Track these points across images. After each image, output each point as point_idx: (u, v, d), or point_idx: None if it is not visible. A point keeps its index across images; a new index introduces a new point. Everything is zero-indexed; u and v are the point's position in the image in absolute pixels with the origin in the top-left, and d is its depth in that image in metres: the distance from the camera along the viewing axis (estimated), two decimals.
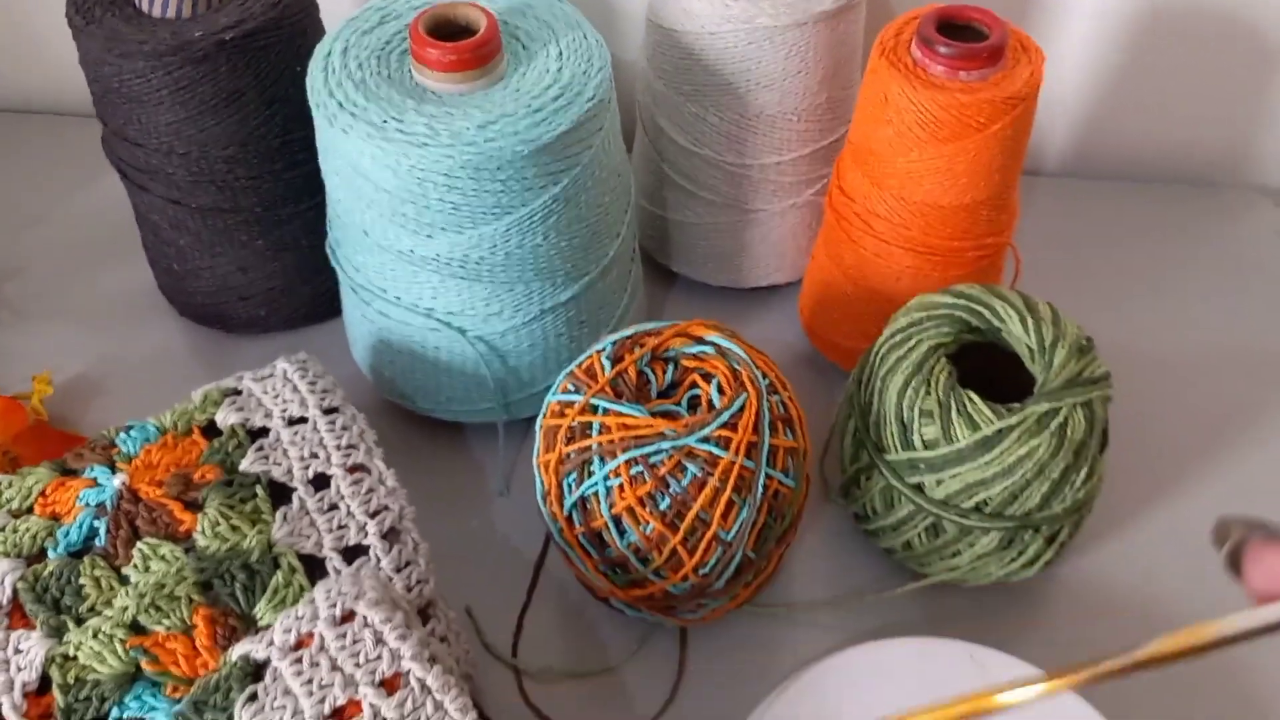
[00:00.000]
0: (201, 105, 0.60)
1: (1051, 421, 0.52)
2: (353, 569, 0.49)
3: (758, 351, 0.55)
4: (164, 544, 0.49)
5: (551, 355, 0.62)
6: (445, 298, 0.59)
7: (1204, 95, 0.81)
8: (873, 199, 0.61)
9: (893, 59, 0.57)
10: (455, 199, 0.54)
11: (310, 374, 0.56)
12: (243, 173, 0.63)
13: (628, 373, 0.54)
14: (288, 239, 0.66)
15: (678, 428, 0.51)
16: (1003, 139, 0.57)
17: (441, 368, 0.62)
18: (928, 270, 0.61)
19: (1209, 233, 0.80)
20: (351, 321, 0.65)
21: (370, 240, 0.58)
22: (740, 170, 0.67)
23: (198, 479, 0.51)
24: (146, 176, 0.63)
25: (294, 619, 0.44)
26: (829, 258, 0.65)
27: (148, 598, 0.47)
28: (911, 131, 0.57)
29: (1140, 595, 0.60)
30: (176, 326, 0.72)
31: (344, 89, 0.55)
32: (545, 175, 0.55)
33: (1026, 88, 0.56)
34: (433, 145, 0.53)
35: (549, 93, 0.55)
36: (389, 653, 0.43)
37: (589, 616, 0.59)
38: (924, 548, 0.56)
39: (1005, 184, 0.60)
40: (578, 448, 0.52)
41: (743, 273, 0.72)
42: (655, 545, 0.51)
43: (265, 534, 0.49)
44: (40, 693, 0.46)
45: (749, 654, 0.58)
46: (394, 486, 0.53)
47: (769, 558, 0.54)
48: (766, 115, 0.64)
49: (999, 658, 0.52)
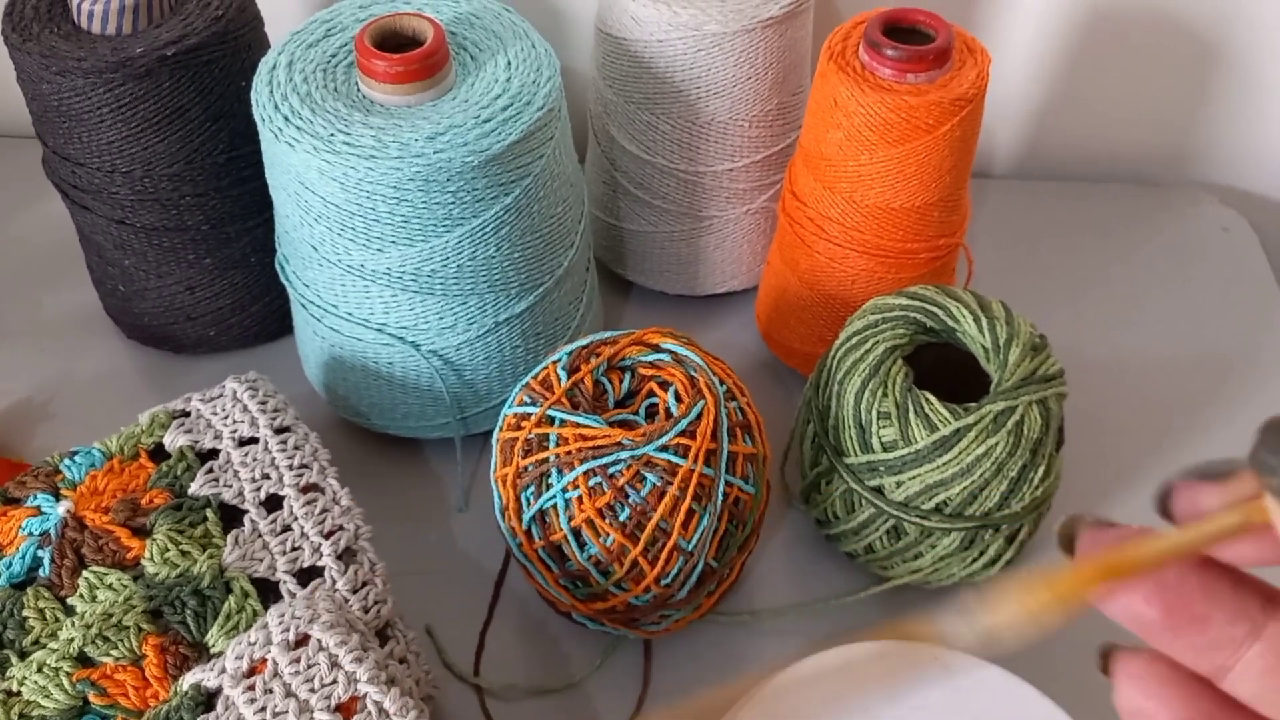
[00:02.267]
0: (144, 123, 0.59)
1: (1008, 420, 0.52)
2: (307, 592, 0.48)
3: (714, 358, 0.55)
4: (111, 572, 0.48)
5: (508, 368, 0.62)
6: (397, 312, 0.58)
7: (1148, 95, 0.82)
8: (825, 203, 0.61)
9: (841, 63, 0.57)
10: (405, 212, 0.54)
11: (260, 393, 0.55)
12: (188, 190, 0.61)
13: (584, 383, 0.53)
14: (236, 257, 0.65)
15: (635, 437, 0.50)
16: (952, 140, 0.57)
17: (396, 384, 0.61)
18: (882, 273, 0.62)
19: (1157, 230, 0.81)
20: (303, 339, 0.64)
21: (319, 255, 0.57)
22: (693, 177, 0.67)
23: (146, 504, 0.50)
24: (89, 196, 0.62)
25: (246, 645, 0.43)
26: (784, 263, 0.65)
27: (95, 628, 0.46)
28: (861, 134, 0.57)
29: None
30: (123, 348, 0.71)
31: (289, 103, 0.54)
32: (496, 186, 0.55)
33: (974, 89, 0.57)
34: (380, 158, 0.52)
35: (498, 103, 0.55)
36: (344, 676, 0.42)
37: (551, 631, 0.59)
38: (886, 550, 0.56)
39: (956, 185, 0.60)
40: (535, 460, 0.51)
41: (699, 280, 0.72)
42: (616, 557, 0.51)
43: (216, 558, 0.48)
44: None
45: (714, 663, 0.57)
46: (349, 506, 0.52)
47: (731, 566, 0.54)
48: (718, 122, 0.64)
49: (964, 658, 0.52)
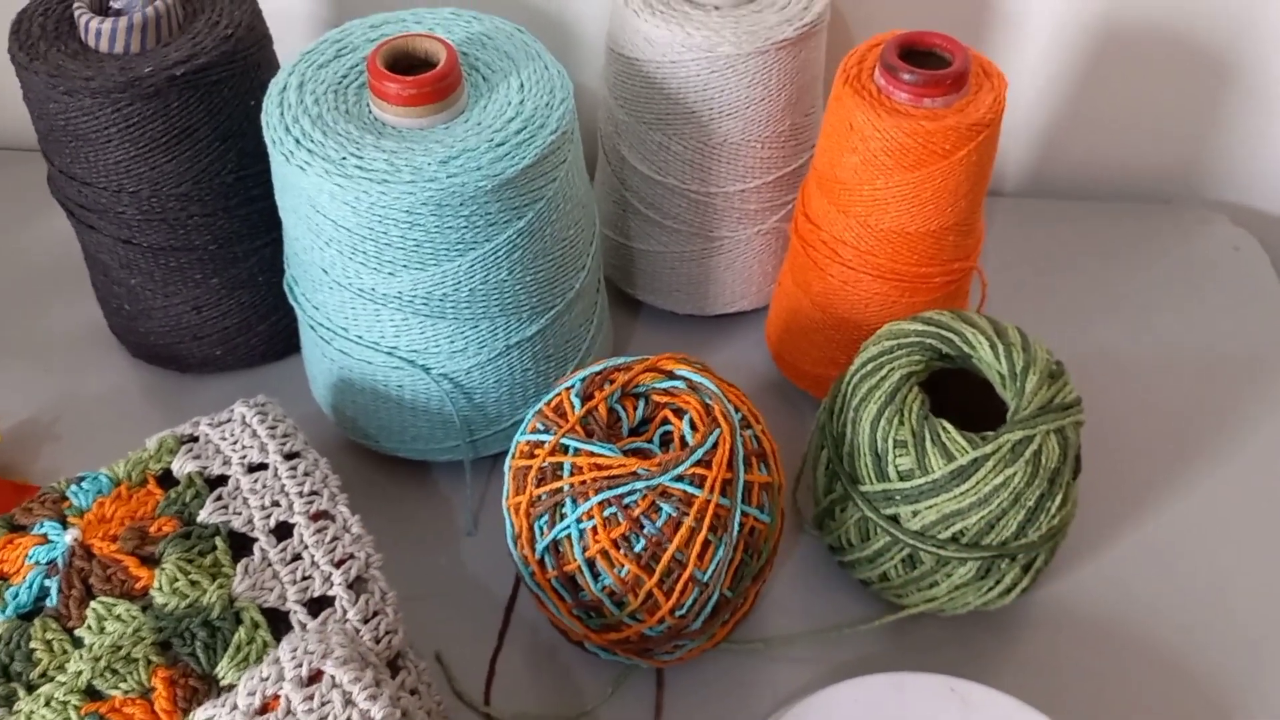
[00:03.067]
0: (152, 142, 0.58)
1: (1026, 449, 0.51)
2: (318, 623, 0.48)
3: (729, 385, 0.54)
4: (120, 603, 0.47)
5: (518, 391, 0.61)
6: (408, 336, 0.57)
7: (1159, 113, 0.81)
8: (839, 226, 0.60)
9: (856, 86, 0.57)
10: (417, 236, 0.53)
11: (270, 418, 0.55)
12: (196, 210, 0.61)
13: (598, 410, 0.53)
14: (243, 276, 0.65)
15: (651, 467, 0.50)
16: (968, 165, 0.57)
17: (405, 406, 0.60)
18: (895, 297, 0.61)
19: (1167, 249, 0.81)
20: (311, 360, 0.64)
21: (329, 278, 0.56)
22: (704, 198, 0.66)
23: (154, 532, 0.50)
24: (95, 215, 0.61)
25: (259, 680, 0.42)
26: (796, 285, 0.65)
27: (103, 661, 0.45)
28: (877, 159, 0.56)
29: (1116, 617, 0.60)
30: (129, 368, 0.70)
31: (300, 125, 0.54)
32: (509, 210, 0.54)
33: (990, 113, 0.56)
34: (393, 182, 0.51)
35: (511, 125, 0.54)
36: (359, 714, 0.41)
37: (562, 659, 0.58)
38: (901, 579, 0.56)
39: (971, 209, 0.59)
40: (549, 489, 0.51)
41: (709, 300, 0.71)
42: (630, 588, 0.50)
43: (226, 588, 0.48)
44: None
45: (727, 692, 0.57)
46: (359, 534, 0.52)
47: (745, 595, 0.54)
48: (730, 143, 0.64)
49: (979, 690, 0.52)
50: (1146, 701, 0.56)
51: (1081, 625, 0.59)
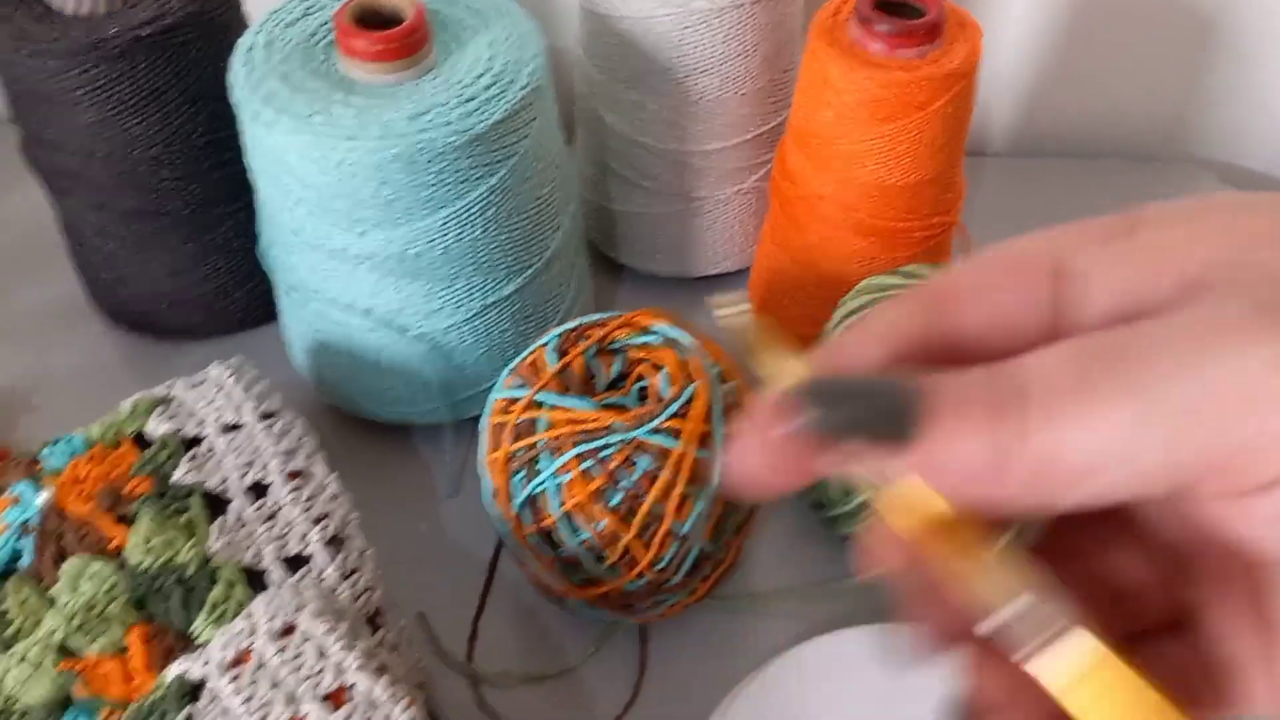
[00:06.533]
0: (121, 105, 0.57)
1: None
2: (294, 580, 0.47)
3: (707, 339, 0.54)
4: (94, 561, 0.47)
5: (497, 352, 0.61)
6: (384, 296, 0.57)
7: (1145, 69, 0.81)
8: (817, 182, 0.60)
9: (830, 39, 0.56)
10: (387, 193, 0.52)
11: (245, 379, 0.54)
12: (168, 174, 0.60)
13: (573, 366, 0.52)
14: (219, 241, 0.64)
15: (626, 420, 0.49)
16: (944, 116, 0.56)
17: (384, 369, 0.60)
18: (876, 252, 0.61)
19: None
20: (289, 324, 0.63)
21: (301, 240, 0.56)
22: (683, 158, 0.65)
23: (128, 492, 0.49)
24: (68, 181, 0.61)
25: (232, 635, 0.42)
26: (776, 244, 0.64)
27: (77, 619, 0.45)
28: (853, 112, 0.56)
29: None
30: (106, 335, 0.70)
31: (267, 83, 0.53)
32: (481, 166, 0.54)
33: (966, 64, 0.56)
34: (362, 138, 0.51)
35: (481, 81, 0.54)
36: (333, 665, 0.41)
37: (545, 618, 0.58)
38: None
39: (950, 162, 0.59)
40: (525, 444, 0.50)
41: (691, 262, 0.71)
42: (608, 542, 0.50)
43: (200, 546, 0.47)
44: None
45: (712, 648, 0.56)
46: (337, 491, 0.51)
47: (727, 549, 0.53)
48: (707, 100, 0.63)
49: None
50: None
51: None
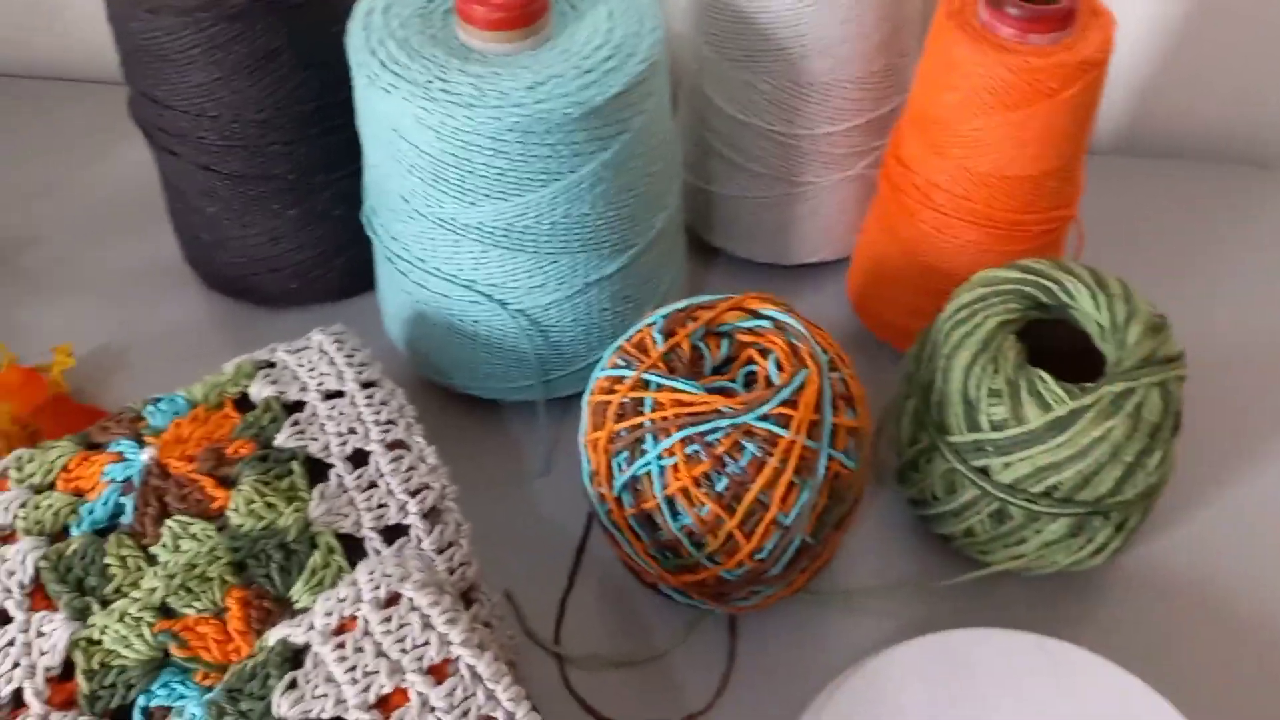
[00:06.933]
0: (234, 66, 0.57)
1: (1127, 402, 0.49)
2: (394, 550, 0.47)
3: (816, 326, 0.52)
4: (196, 522, 0.47)
5: (594, 331, 0.60)
6: (487, 268, 0.56)
7: (1263, 72, 0.78)
8: (933, 169, 0.58)
9: (959, 20, 0.54)
10: (501, 164, 0.52)
11: (347, 346, 0.54)
12: (276, 138, 0.60)
13: (680, 347, 0.51)
14: (321, 208, 0.64)
15: (735, 405, 0.48)
16: (1074, 106, 0.54)
17: (480, 343, 0.59)
18: (989, 244, 0.59)
19: (1266, 214, 0.77)
20: (387, 294, 0.63)
21: (409, 207, 0.55)
22: (790, 141, 0.64)
23: (231, 454, 0.49)
24: (175, 141, 0.61)
25: (336, 601, 0.42)
26: (883, 232, 0.63)
27: (177, 579, 0.45)
28: (979, 97, 0.54)
29: (1204, 583, 0.57)
30: (202, 299, 0.70)
31: (386, 47, 0.53)
32: (594, 140, 0.53)
33: (1099, 52, 0.54)
34: (479, 106, 0.50)
35: (600, 53, 0.52)
36: (437, 638, 0.41)
37: (633, 602, 0.57)
38: (987, 534, 0.54)
39: (1074, 154, 0.57)
40: (629, 425, 0.49)
41: (789, 249, 0.69)
42: (710, 528, 0.49)
43: (302, 512, 0.47)
44: (63, 678, 0.43)
45: (802, 642, 0.55)
46: (435, 464, 0.51)
47: (826, 543, 0.52)
48: (820, 83, 0.61)
49: (1071, 650, 0.50)
50: (1239, 671, 0.54)
51: (1171, 590, 0.57)
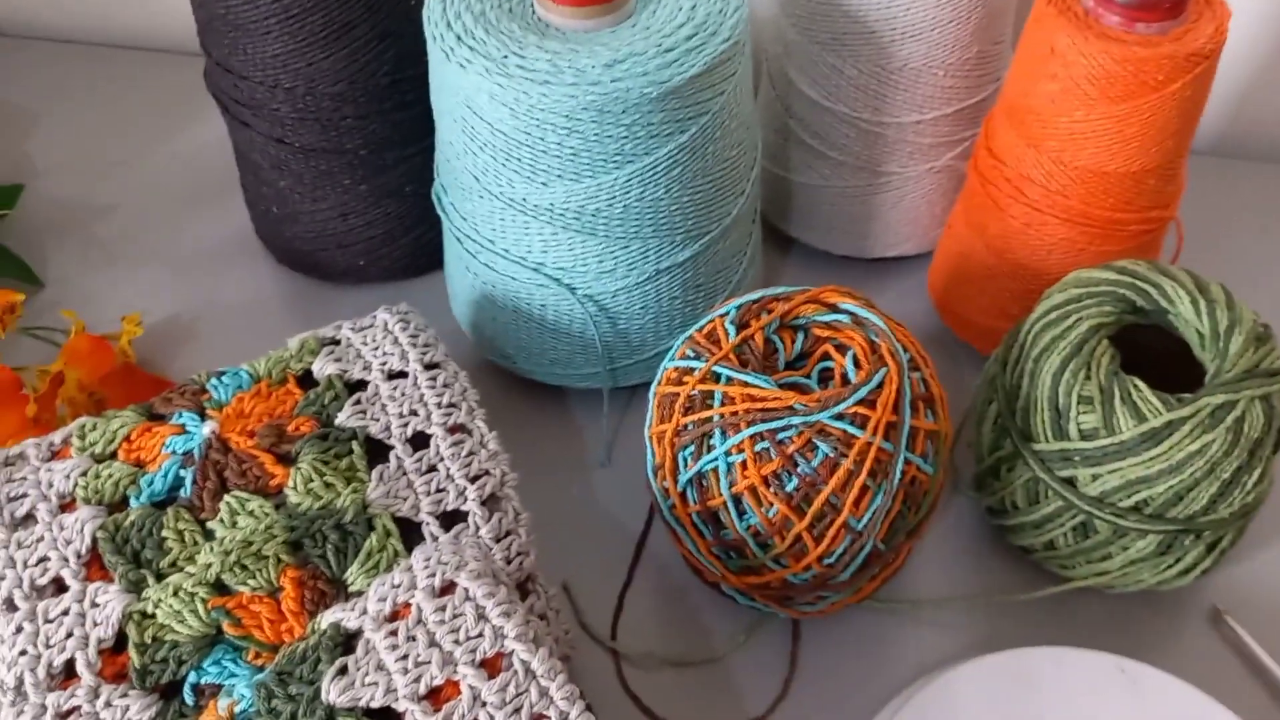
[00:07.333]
0: (311, 36, 0.56)
1: (1227, 415, 0.46)
2: (451, 536, 0.46)
3: (897, 323, 0.50)
4: (253, 498, 0.46)
5: (664, 320, 0.58)
6: (556, 252, 0.55)
7: None
8: (1027, 162, 0.55)
9: (1062, 6, 0.52)
10: (575, 144, 0.50)
11: (412, 326, 0.53)
12: (350, 111, 0.59)
13: (754, 340, 0.49)
14: (392, 185, 0.63)
15: (809, 402, 0.46)
16: (1181, 100, 0.51)
17: (547, 327, 0.58)
18: (1083, 244, 0.56)
19: None
20: (454, 274, 0.62)
21: (480, 186, 0.54)
22: (876, 129, 0.62)
23: (291, 431, 0.48)
24: (249, 112, 0.60)
25: (390, 587, 0.41)
26: (969, 227, 0.60)
27: (233, 555, 0.44)
28: (1080, 88, 0.51)
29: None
30: (271, 273, 0.70)
31: (462, 21, 0.51)
32: (672, 122, 0.51)
33: (1211, 44, 0.50)
34: (555, 84, 0.49)
35: (681, 31, 0.51)
36: (491, 630, 0.39)
37: (693, 601, 0.55)
38: (1069, 548, 0.51)
39: (1178, 151, 0.54)
40: (697, 419, 0.48)
41: (869, 242, 0.67)
42: (778, 530, 0.47)
43: (360, 493, 0.46)
44: (116, 650, 0.43)
45: (867, 652, 0.53)
46: (496, 450, 0.50)
47: (898, 550, 0.50)
48: (910, 68, 0.59)
49: (1153, 674, 0.47)
50: None
51: (1258, 615, 0.54)
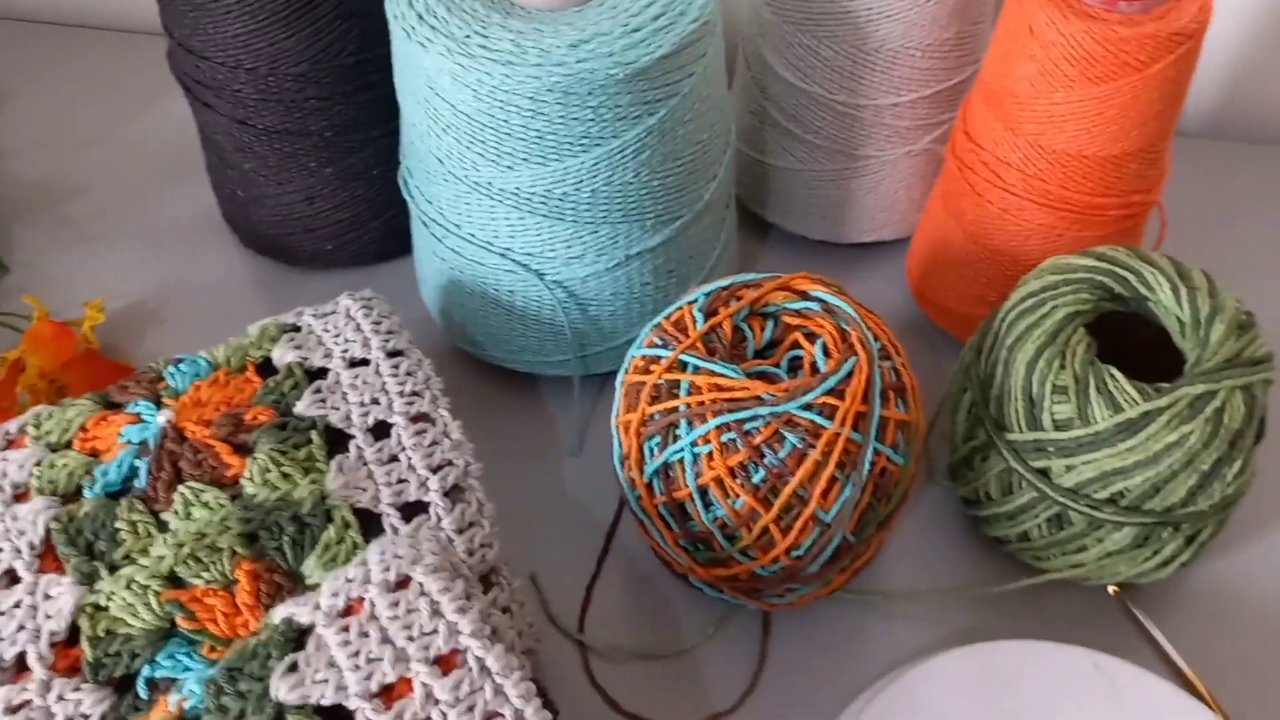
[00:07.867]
0: (272, 15, 0.55)
1: (1207, 406, 0.45)
2: (411, 529, 0.45)
3: (868, 311, 0.49)
4: (208, 489, 0.45)
5: (635, 306, 0.57)
6: (524, 237, 0.53)
7: None
8: (1004, 146, 0.54)
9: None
10: (540, 126, 0.49)
11: (375, 313, 0.52)
12: (313, 93, 0.58)
13: (722, 328, 0.48)
14: (358, 168, 0.62)
15: (777, 392, 0.45)
16: (1163, 81, 0.50)
17: (516, 314, 0.57)
18: (1062, 229, 0.55)
19: None
20: (422, 259, 0.61)
21: (445, 169, 0.53)
22: (852, 111, 0.60)
23: (249, 420, 0.47)
24: (212, 93, 0.59)
25: (343, 581, 0.40)
26: (947, 212, 0.59)
27: (187, 547, 0.43)
28: (1059, 68, 0.50)
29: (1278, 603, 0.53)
30: (238, 257, 0.68)
31: (424, 0, 0.50)
32: (640, 104, 0.50)
33: (1195, 23, 0.49)
34: (518, 64, 0.47)
35: (649, 11, 0.49)
36: (446, 626, 0.38)
37: (663, 593, 0.54)
38: (1044, 540, 0.50)
39: (1160, 134, 0.53)
40: (663, 408, 0.47)
41: (846, 226, 0.66)
42: (745, 521, 0.46)
43: (319, 484, 0.45)
44: (69, 643, 0.42)
45: (838, 645, 0.52)
46: (459, 440, 0.48)
47: (868, 542, 0.49)
48: (887, 49, 0.58)
49: (1129, 669, 0.46)
50: None
51: (1243, 608, 0.53)
